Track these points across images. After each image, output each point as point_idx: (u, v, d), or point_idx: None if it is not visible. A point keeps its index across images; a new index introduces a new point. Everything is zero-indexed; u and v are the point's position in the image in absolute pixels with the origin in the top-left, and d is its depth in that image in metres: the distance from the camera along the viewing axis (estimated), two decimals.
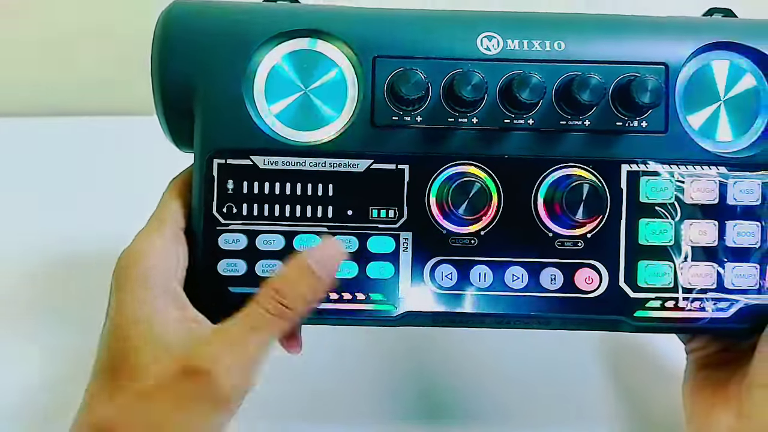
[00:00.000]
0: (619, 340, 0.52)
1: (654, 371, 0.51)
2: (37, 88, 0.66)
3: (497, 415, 0.49)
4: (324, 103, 0.39)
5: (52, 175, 0.59)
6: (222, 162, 0.38)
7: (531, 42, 0.39)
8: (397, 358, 0.52)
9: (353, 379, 0.51)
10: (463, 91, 0.36)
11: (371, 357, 0.52)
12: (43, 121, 0.63)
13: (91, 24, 0.65)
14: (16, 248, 0.55)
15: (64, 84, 0.66)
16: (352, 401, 0.50)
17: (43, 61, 0.66)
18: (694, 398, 0.41)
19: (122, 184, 0.58)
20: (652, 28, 0.40)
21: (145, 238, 0.37)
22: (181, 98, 0.38)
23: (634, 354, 0.52)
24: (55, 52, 0.66)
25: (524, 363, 0.51)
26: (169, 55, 0.38)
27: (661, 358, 0.51)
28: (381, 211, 0.38)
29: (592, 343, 0.52)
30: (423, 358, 0.52)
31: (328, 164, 0.38)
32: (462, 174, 0.38)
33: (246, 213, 0.38)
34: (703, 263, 0.39)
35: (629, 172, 0.39)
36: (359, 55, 0.38)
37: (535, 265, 0.38)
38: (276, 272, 0.37)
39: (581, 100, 0.36)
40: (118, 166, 0.59)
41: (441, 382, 0.51)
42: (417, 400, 0.50)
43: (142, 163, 0.58)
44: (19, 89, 0.67)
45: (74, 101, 0.66)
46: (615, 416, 0.49)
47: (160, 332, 0.34)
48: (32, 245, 0.55)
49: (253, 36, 0.38)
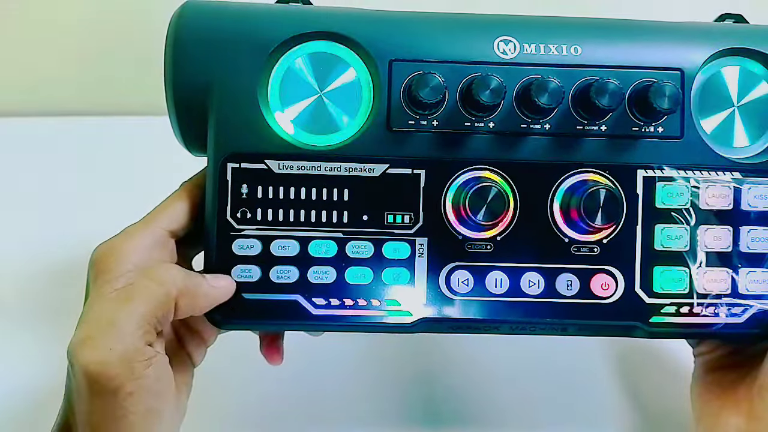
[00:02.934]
0: (627, 342, 0.52)
1: (662, 373, 0.51)
2: (38, 88, 0.66)
3: (499, 417, 0.49)
4: (339, 107, 0.39)
5: (52, 176, 0.59)
6: (236, 166, 0.38)
7: (548, 46, 0.38)
8: (400, 362, 0.51)
9: (354, 383, 0.50)
10: (482, 95, 0.36)
11: (374, 360, 0.51)
12: (43, 121, 0.62)
13: (91, 24, 0.65)
14: (16, 249, 0.55)
15: (64, 84, 0.66)
16: (353, 405, 0.49)
17: (43, 61, 0.66)
18: (704, 400, 0.42)
19: (123, 184, 0.57)
20: (666, 33, 0.40)
21: (126, 237, 0.36)
22: (194, 100, 0.38)
23: (641, 356, 0.52)
24: (55, 51, 0.65)
25: (529, 364, 0.51)
26: (183, 56, 0.38)
27: (669, 360, 0.51)
28: (397, 216, 0.38)
29: (599, 345, 0.52)
30: (427, 360, 0.51)
31: (344, 169, 0.38)
32: (479, 179, 0.38)
33: (260, 218, 0.38)
34: (717, 269, 0.39)
35: (645, 178, 0.39)
36: (375, 58, 0.38)
37: (551, 271, 0.38)
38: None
39: (600, 105, 0.36)
40: (119, 167, 0.59)
41: (443, 385, 0.50)
42: (420, 404, 0.50)
43: (144, 163, 0.58)
44: (19, 89, 0.66)
45: (75, 101, 0.65)
46: (622, 418, 0.49)
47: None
48: (32, 246, 0.54)
49: (268, 38, 0.38)
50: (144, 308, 0.33)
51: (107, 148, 0.60)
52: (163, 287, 0.34)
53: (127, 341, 0.32)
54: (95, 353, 0.32)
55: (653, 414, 0.49)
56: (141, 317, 0.33)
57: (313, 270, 0.38)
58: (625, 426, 0.49)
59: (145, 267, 0.35)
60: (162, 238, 0.37)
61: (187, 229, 0.38)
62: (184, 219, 0.38)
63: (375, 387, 0.50)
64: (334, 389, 0.50)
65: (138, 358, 0.33)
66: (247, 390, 0.49)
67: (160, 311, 0.34)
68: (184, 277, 0.35)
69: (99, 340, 0.32)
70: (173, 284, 0.34)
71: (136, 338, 0.33)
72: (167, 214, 0.38)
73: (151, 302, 0.34)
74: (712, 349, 0.43)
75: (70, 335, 0.33)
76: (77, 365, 0.32)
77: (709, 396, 0.41)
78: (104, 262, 0.35)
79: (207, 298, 0.36)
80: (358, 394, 0.50)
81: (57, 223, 0.55)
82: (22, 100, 0.66)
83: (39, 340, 0.49)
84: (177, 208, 0.38)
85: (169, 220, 0.38)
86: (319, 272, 0.38)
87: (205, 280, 0.36)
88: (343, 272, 0.38)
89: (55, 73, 0.65)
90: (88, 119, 0.62)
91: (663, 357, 0.51)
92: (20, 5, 0.64)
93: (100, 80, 0.65)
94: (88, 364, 0.32)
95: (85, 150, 0.60)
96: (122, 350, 0.32)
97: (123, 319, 0.33)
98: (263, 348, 0.42)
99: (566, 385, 0.50)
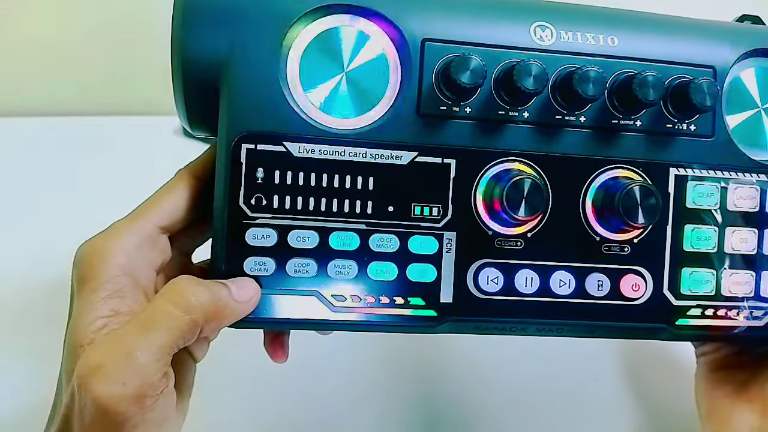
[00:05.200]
0: (630, 341, 0.51)
1: (665, 372, 0.51)
2: (38, 88, 0.65)
3: (499, 418, 0.48)
4: (365, 87, 0.35)
5: (53, 176, 0.57)
6: (251, 147, 0.34)
7: (584, 35, 0.37)
8: (401, 363, 0.50)
9: (354, 384, 0.49)
10: (525, 83, 0.34)
11: (374, 361, 0.49)
12: (43, 121, 0.61)
13: (92, 24, 0.64)
14: (16, 249, 0.53)
15: (64, 84, 0.65)
16: (354, 407, 0.48)
17: (44, 61, 0.65)
18: (711, 398, 0.42)
19: (123, 184, 0.53)
20: (698, 30, 0.39)
21: (111, 235, 0.33)
22: (205, 74, 0.34)
23: (644, 355, 0.52)
24: (56, 51, 0.64)
25: (532, 364, 0.50)
26: (194, 24, 0.34)
27: (670, 359, 0.51)
28: (424, 208, 0.35)
29: (601, 345, 0.51)
30: (426, 360, 0.50)
31: (369, 155, 0.35)
32: (513, 171, 0.35)
33: (277, 206, 0.34)
34: (742, 271, 0.38)
35: (677, 176, 0.37)
36: (407, 36, 0.35)
37: (582, 270, 0.37)
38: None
39: (643, 99, 0.35)
40: (119, 167, 0.57)
41: (444, 386, 0.49)
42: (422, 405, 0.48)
43: (144, 163, 0.55)
44: (19, 89, 0.65)
45: (75, 101, 0.64)
46: (623, 418, 0.49)
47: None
48: (32, 246, 0.53)
49: (289, 9, 0.34)
50: (166, 339, 0.30)
51: (107, 148, 0.59)
52: (189, 315, 0.30)
53: (144, 375, 0.29)
54: (108, 387, 0.28)
55: (657, 415, 0.49)
56: (161, 349, 0.30)
57: (334, 264, 0.35)
58: (626, 426, 0.48)
59: (134, 271, 0.32)
60: (152, 236, 0.33)
61: (183, 223, 0.35)
62: (178, 212, 0.34)
63: (375, 388, 0.48)
64: (334, 391, 0.48)
65: (151, 393, 0.29)
66: (246, 390, 0.46)
67: (182, 340, 0.31)
68: (209, 297, 0.31)
69: (113, 372, 0.29)
70: (200, 311, 0.31)
71: (153, 372, 0.29)
72: (158, 208, 0.34)
73: (174, 332, 0.30)
74: (716, 350, 0.43)
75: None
76: (87, 394, 0.28)
77: (718, 393, 0.41)
78: (88, 265, 0.32)
79: (233, 317, 0.32)
80: (358, 395, 0.48)
81: (57, 224, 0.52)
82: (22, 100, 0.64)
83: (36, 343, 0.46)
84: (170, 201, 0.34)
85: (161, 215, 0.34)
86: (340, 266, 0.35)
87: (230, 293, 0.32)
88: (365, 267, 0.35)
89: (55, 73, 0.65)
90: (88, 119, 0.62)
91: (665, 356, 0.51)
92: (21, 5, 0.62)
93: (100, 80, 0.64)
94: (98, 397, 0.28)
95: (85, 150, 0.59)
96: (137, 386, 0.29)
97: (142, 350, 0.29)
98: (267, 344, 0.39)
99: (568, 386, 0.50)
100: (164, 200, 0.34)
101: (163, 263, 0.34)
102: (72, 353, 0.31)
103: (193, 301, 0.31)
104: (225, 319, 0.32)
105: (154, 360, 0.29)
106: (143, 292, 0.33)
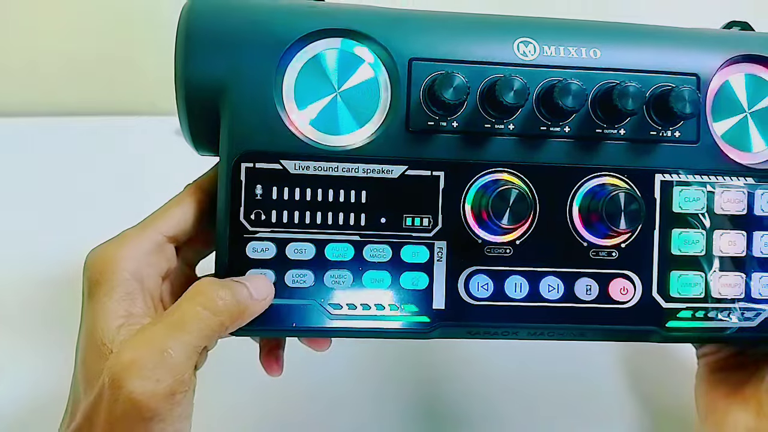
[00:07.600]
0: (630, 343, 0.52)
1: (665, 373, 0.51)
2: (38, 88, 0.65)
3: (500, 419, 0.49)
4: (356, 106, 0.37)
5: (53, 176, 0.57)
6: (250, 166, 0.36)
7: (567, 48, 0.38)
8: (401, 366, 0.51)
9: (354, 386, 0.50)
10: (506, 97, 0.35)
11: (374, 363, 0.51)
12: (43, 121, 0.61)
13: (92, 24, 0.64)
14: (16, 250, 0.53)
15: (64, 84, 0.65)
16: (353, 409, 0.49)
17: (44, 61, 0.65)
18: (710, 399, 0.42)
19: (123, 184, 0.55)
20: (681, 38, 0.40)
21: (121, 243, 0.35)
22: (206, 97, 0.36)
23: (645, 357, 0.52)
24: (56, 52, 0.65)
25: (533, 366, 0.51)
26: (195, 52, 0.36)
27: (671, 359, 0.52)
28: (415, 219, 0.37)
29: (602, 346, 0.52)
30: (426, 360, 0.51)
31: (362, 170, 0.37)
32: (500, 182, 0.37)
33: (275, 220, 0.36)
34: (732, 273, 0.39)
35: (662, 182, 0.39)
36: (394, 56, 0.37)
37: (571, 276, 0.38)
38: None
39: (622, 109, 0.36)
40: (119, 167, 0.57)
41: (445, 387, 0.50)
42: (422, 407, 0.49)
43: (144, 163, 0.57)
44: (19, 89, 0.65)
45: (75, 101, 0.64)
46: (624, 418, 0.50)
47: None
48: (32, 247, 0.53)
49: (284, 35, 0.37)
50: (197, 339, 0.32)
51: (107, 148, 0.59)
52: (218, 317, 0.33)
53: (176, 372, 0.31)
54: (143, 383, 0.30)
55: (658, 414, 0.49)
56: (192, 349, 0.32)
57: (330, 274, 0.37)
58: (628, 426, 0.49)
59: (142, 276, 0.34)
60: (159, 244, 0.36)
61: (189, 234, 0.37)
62: (185, 223, 0.37)
63: (375, 389, 0.49)
64: (334, 393, 0.49)
65: (181, 390, 0.31)
66: (246, 392, 0.48)
67: (210, 341, 0.33)
68: (232, 299, 0.33)
69: (148, 369, 0.30)
70: (227, 313, 0.33)
71: (185, 369, 0.31)
72: (167, 218, 0.36)
73: (204, 332, 0.32)
74: (715, 351, 0.44)
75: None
76: (120, 390, 0.30)
77: (716, 395, 0.42)
78: (99, 271, 0.34)
79: (252, 316, 0.35)
80: (358, 396, 0.49)
81: (57, 224, 0.53)
82: (22, 100, 0.64)
83: (37, 344, 0.47)
84: (178, 213, 0.36)
85: (169, 225, 0.36)
86: (336, 276, 0.37)
87: (249, 293, 0.34)
88: (360, 276, 0.37)
89: (56, 73, 0.64)
90: (88, 119, 0.61)
91: (668, 357, 0.52)
92: (21, 5, 0.63)
93: (100, 80, 0.64)
94: (132, 392, 0.30)
95: (85, 150, 0.59)
96: (170, 383, 0.31)
97: (176, 348, 0.31)
98: (262, 358, 0.41)
99: (569, 387, 0.50)
100: (172, 211, 0.36)
101: (168, 271, 0.37)
102: (94, 353, 0.32)
103: (220, 304, 0.33)
104: (246, 318, 0.34)
105: (186, 358, 0.31)
106: (150, 297, 0.35)
